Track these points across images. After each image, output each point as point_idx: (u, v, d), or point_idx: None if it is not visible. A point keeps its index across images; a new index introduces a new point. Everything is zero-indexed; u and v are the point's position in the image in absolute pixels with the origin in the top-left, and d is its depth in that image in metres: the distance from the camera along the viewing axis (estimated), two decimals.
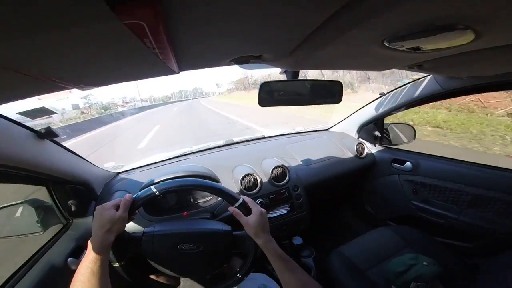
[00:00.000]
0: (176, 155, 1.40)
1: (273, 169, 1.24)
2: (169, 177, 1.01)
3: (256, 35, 0.41)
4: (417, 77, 1.21)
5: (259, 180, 1.20)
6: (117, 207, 0.65)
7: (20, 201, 0.89)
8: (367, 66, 0.75)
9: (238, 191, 1.16)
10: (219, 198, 1.11)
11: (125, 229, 0.69)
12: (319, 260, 1.27)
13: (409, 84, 1.25)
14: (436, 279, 0.88)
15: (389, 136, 1.52)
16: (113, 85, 0.46)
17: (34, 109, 0.82)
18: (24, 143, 0.67)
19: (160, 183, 0.72)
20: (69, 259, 0.82)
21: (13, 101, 0.44)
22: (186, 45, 0.37)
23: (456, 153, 2.98)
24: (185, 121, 12.65)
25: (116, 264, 0.68)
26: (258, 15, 0.32)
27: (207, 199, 1.14)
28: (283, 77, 0.84)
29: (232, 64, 0.55)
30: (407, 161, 1.39)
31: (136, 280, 0.72)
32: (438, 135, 4.80)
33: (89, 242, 0.61)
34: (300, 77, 0.83)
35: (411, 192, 1.38)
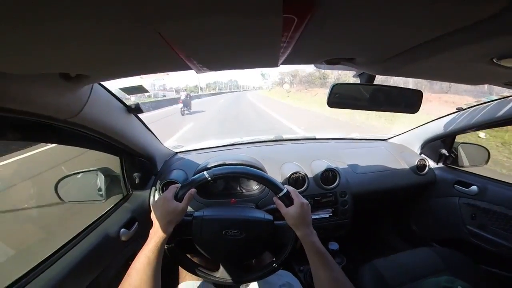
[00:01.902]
0: (228, 143, 1.45)
1: (324, 171, 1.21)
2: (221, 163, 1.06)
3: (359, 39, 0.40)
4: (508, 95, 1.06)
5: (306, 180, 1.19)
6: (176, 197, 0.68)
7: (94, 168, 0.96)
8: (462, 80, 0.68)
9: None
10: (264, 190, 1.13)
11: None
12: (348, 270, 1.24)
13: (495, 101, 1.10)
14: None
15: (457, 156, 1.37)
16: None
17: (133, 86, 0.90)
18: (117, 115, 0.75)
19: (212, 168, 0.74)
20: (121, 230, 0.88)
21: (141, 74, 0.49)
22: (299, 42, 0.37)
23: None
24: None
25: (167, 246, 0.72)
26: (370, 21, 0.31)
27: (253, 190, 1.17)
28: (356, 79, 0.80)
29: (321, 64, 0.54)
30: (473, 185, 1.27)
31: (179, 262, 0.76)
32: None
33: (151, 232, 0.64)
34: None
35: (469, 217, 1.27)
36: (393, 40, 0.39)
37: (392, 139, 1.69)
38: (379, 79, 0.94)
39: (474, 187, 1.26)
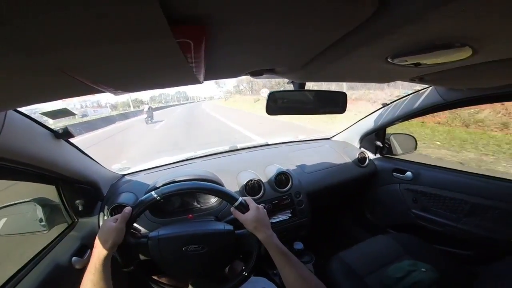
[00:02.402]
0: (181, 159, 1.43)
1: (277, 176, 1.26)
2: (170, 181, 1.04)
3: (273, 52, 0.45)
4: (419, 88, 1.25)
5: (262, 186, 1.22)
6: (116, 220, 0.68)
7: (28, 199, 0.90)
8: (372, 79, 0.78)
9: (242, 195, 1.18)
10: (223, 202, 1.13)
11: (141, 231, 0.70)
12: (319, 266, 1.29)
13: (411, 95, 1.29)
14: (434, 285, 0.91)
15: (391, 146, 1.56)
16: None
17: (57, 110, 0.84)
18: (42, 142, 0.69)
19: (160, 188, 0.73)
20: (73, 258, 0.83)
21: (54, 100, 0.48)
22: (214, 59, 0.40)
23: None
24: None
25: (126, 270, 0.70)
26: (278, 35, 0.36)
27: (210, 203, 1.16)
28: (290, 87, 0.88)
29: (247, 75, 0.59)
30: (407, 171, 1.43)
31: (146, 284, 0.74)
32: None
33: (92, 253, 0.64)
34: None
35: (411, 201, 1.41)
36: (300, 48, 0.44)
37: (335, 137, 1.83)
38: (312, 84, 1.03)
39: (409, 173, 1.41)
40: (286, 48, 0.43)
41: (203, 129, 10.70)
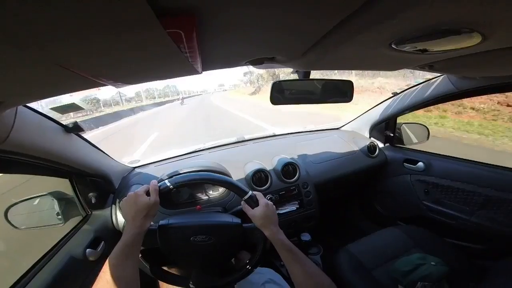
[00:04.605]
0: (189, 151, 1.45)
1: (284, 166, 1.26)
2: (183, 171, 1.06)
3: (271, 39, 0.44)
4: (431, 77, 1.20)
5: (269, 176, 1.23)
6: (147, 193, 0.67)
7: (44, 193, 0.93)
8: (377, 67, 0.76)
9: (248, 186, 1.19)
10: (231, 193, 1.15)
11: None
12: (326, 258, 1.29)
13: (422, 84, 1.24)
14: (443, 279, 0.89)
15: (402, 136, 1.51)
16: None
17: (65, 105, 0.88)
18: (53, 136, 0.72)
19: (173, 177, 0.75)
20: (87, 250, 0.86)
21: (57, 95, 0.49)
22: (210, 48, 0.40)
23: None
24: None
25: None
26: (273, 21, 0.35)
27: (218, 194, 1.18)
28: (295, 76, 0.86)
29: (248, 65, 0.58)
30: (419, 161, 1.38)
31: (152, 272, 0.76)
32: None
33: (125, 229, 0.64)
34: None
35: (423, 192, 1.37)
36: (299, 35, 0.43)
37: (344, 127, 1.79)
38: (317, 73, 1.01)
39: (420, 164, 1.37)
40: (285, 35, 0.42)
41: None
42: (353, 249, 1.12)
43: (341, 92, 0.89)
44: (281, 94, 0.85)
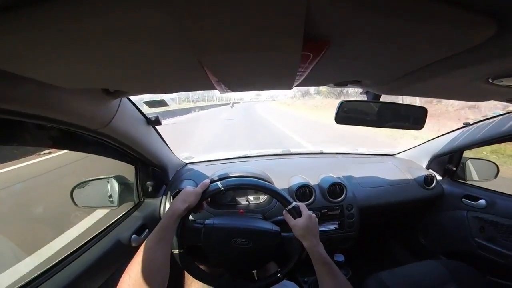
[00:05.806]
0: (237, 156, 1.50)
1: (331, 185, 1.23)
2: (233, 174, 1.09)
3: (367, 65, 0.43)
4: None
5: (313, 193, 1.21)
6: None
7: (109, 176, 1.00)
8: (466, 98, 0.71)
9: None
10: (272, 202, 1.15)
11: (190, 217, 0.75)
12: (353, 282, 1.23)
13: (501, 116, 1.11)
14: None
15: (464, 171, 1.38)
16: None
17: (156, 100, 0.96)
18: (139, 127, 0.79)
19: (225, 179, 0.78)
20: (133, 236, 0.90)
21: (179, 92, 0.56)
22: (312, 70, 0.41)
23: None
24: None
25: (176, 251, 0.74)
26: (374, 51, 0.35)
27: (259, 201, 1.19)
28: (364, 97, 0.83)
29: (331, 86, 0.58)
30: (480, 198, 1.27)
31: (187, 268, 0.78)
32: None
33: (165, 213, 0.68)
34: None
35: (478, 230, 1.27)
36: (394, 65, 0.43)
37: (399, 155, 1.69)
38: (386, 96, 0.97)
39: (482, 201, 1.26)
40: (381, 62, 0.42)
41: None
42: (384, 277, 1.04)
43: (413, 118, 0.83)
44: (347, 113, 0.83)
